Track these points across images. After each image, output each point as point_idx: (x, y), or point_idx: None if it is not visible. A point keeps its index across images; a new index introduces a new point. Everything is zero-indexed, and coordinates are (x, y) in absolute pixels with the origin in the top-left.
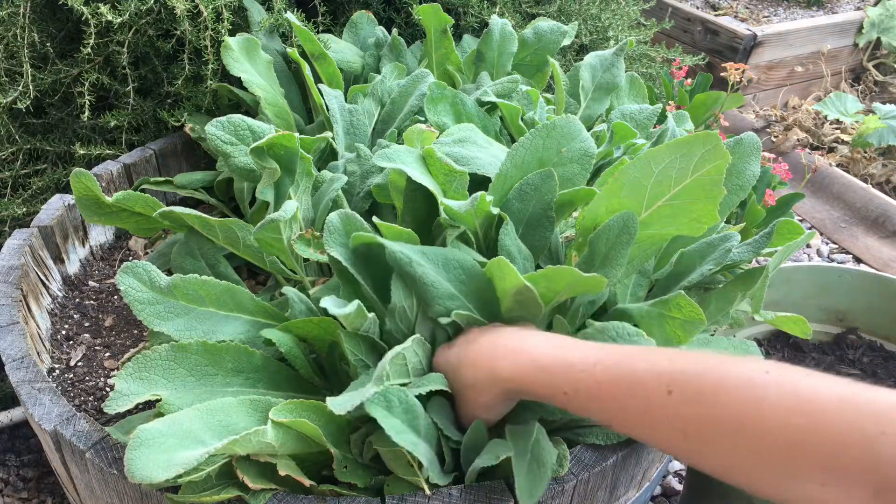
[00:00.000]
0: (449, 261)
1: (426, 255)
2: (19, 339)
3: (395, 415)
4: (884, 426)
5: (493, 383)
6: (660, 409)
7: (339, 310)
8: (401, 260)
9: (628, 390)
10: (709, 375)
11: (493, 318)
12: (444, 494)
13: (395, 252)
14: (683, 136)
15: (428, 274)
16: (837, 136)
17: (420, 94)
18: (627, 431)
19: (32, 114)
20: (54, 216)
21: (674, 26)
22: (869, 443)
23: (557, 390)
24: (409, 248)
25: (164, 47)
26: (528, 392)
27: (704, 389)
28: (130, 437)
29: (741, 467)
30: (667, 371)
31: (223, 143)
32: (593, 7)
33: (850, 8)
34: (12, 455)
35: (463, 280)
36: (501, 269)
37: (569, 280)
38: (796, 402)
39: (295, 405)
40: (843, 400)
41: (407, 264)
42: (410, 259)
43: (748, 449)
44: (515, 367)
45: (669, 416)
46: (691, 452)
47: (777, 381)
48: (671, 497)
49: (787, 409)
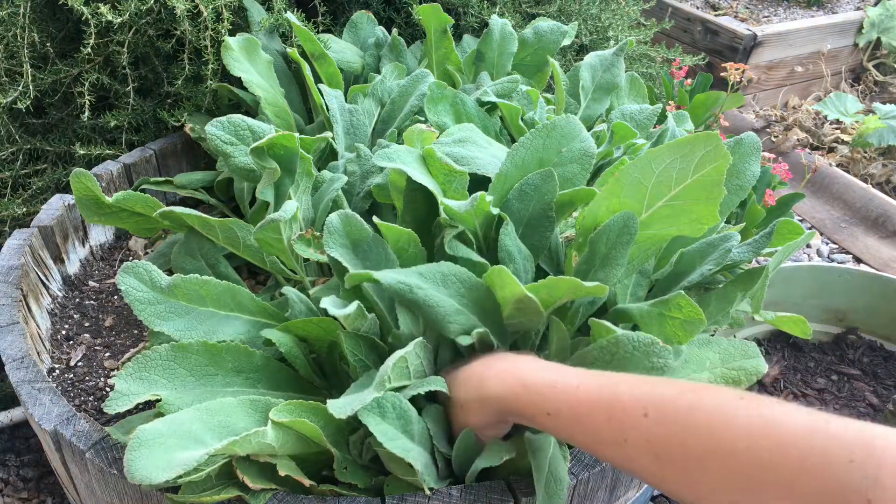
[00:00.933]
0: (446, 277)
1: (424, 277)
2: (19, 339)
3: (388, 421)
4: (853, 454)
5: (482, 403)
6: (634, 431)
7: (338, 310)
8: (401, 290)
9: (607, 411)
10: (684, 398)
11: (496, 326)
12: (444, 494)
13: (393, 284)
14: (684, 137)
15: (431, 296)
16: (837, 136)
17: (420, 94)
18: (605, 455)
19: (32, 114)
20: (54, 216)
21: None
22: (836, 470)
23: (541, 410)
24: (405, 275)
25: (164, 47)
26: (514, 412)
27: (679, 411)
28: (130, 438)
29: (708, 491)
30: (646, 394)
31: (223, 143)
32: (593, 7)
33: (850, 8)
34: (12, 455)
35: (463, 293)
36: (501, 279)
37: (569, 288)
38: (765, 427)
39: (295, 405)
40: (812, 428)
41: (408, 292)
42: (410, 286)
43: (715, 471)
44: (502, 386)
45: (643, 438)
46: (663, 476)
47: (748, 406)
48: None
49: (755, 433)
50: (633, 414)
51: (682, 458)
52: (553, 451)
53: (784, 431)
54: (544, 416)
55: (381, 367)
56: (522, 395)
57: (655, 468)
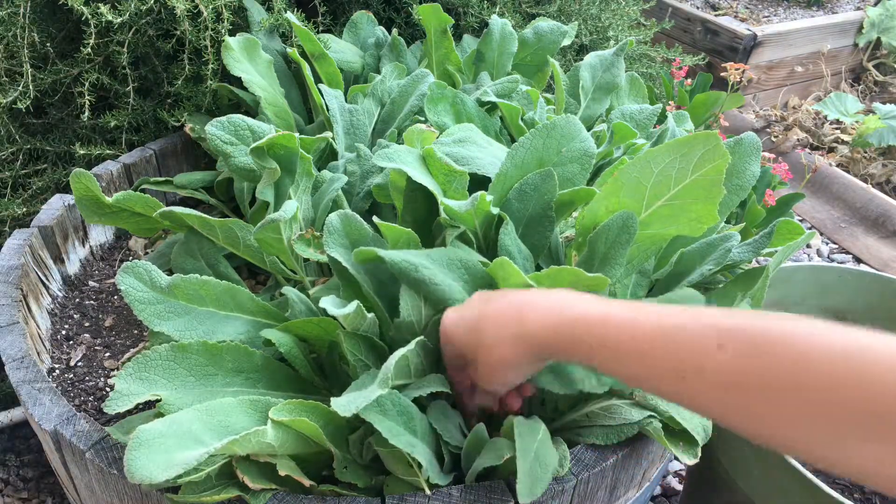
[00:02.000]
0: (452, 260)
1: (430, 258)
2: (19, 339)
3: (391, 418)
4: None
5: (520, 341)
6: (705, 362)
7: (338, 310)
8: (406, 268)
9: (670, 344)
10: (770, 331)
11: None
12: (444, 494)
13: (399, 261)
14: (683, 136)
15: (436, 275)
16: (837, 136)
17: (420, 94)
18: (663, 391)
19: (32, 114)
20: (54, 216)
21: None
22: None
23: (593, 346)
24: (412, 254)
25: (164, 47)
26: (561, 350)
27: (758, 341)
28: (130, 438)
29: (782, 425)
30: (718, 325)
31: (223, 143)
32: (593, 7)
33: (850, 8)
34: (12, 455)
35: (466, 279)
36: (505, 270)
37: (571, 279)
38: (859, 361)
39: (294, 405)
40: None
41: (413, 270)
42: (416, 265)
43: (795, 406)
44: (547, 322)
45: (713, 370)
46: (727, 411)
47: (842, 336)
48: (671, 497)
49: (843, 365)
50: (703, 346)
51: (757, 390)
52: (542, 437)
53: (869, 359)
54: (596, 351)
55: (383, 365)
56: (571, 331)
57: (721, 403)
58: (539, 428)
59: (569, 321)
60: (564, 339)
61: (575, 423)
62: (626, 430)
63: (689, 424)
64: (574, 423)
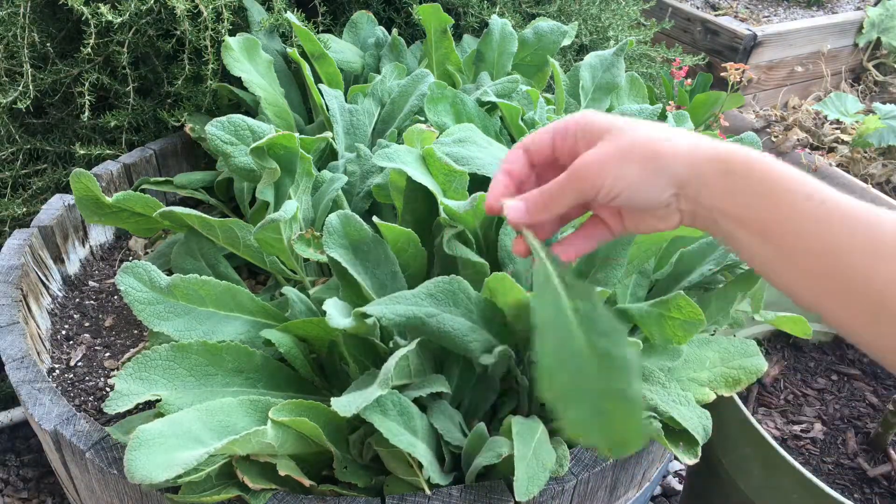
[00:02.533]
0: (456, 295)
1: (435, 299)
2: (19, 339)
3: (391, 418)
4: None
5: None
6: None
7: (338, 322)
8: (414, 324)
9: (859, 236)
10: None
11: (500, 329)
12: (444, 494)
13: (403, 321)
14: None
15: (444, 322)
16: (837, 136)
17: (420, 94)
18: (816, 300)
19: (32, 114)
20: (54, 216)
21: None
22: None
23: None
24: (414, 305)
25: (164, 47)
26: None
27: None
28: (130, 438)
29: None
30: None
31: (223, 143)
32: (593, 7)
33: (850, 8)
34: (12, 455)
35: (472, 310)
36: (504, 285)
37: None
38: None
39: (294, 405)
40: None
41: (420, 325)
42: (421, 318)
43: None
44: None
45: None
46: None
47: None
48: (671, 497)
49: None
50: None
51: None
52: (540, 436)
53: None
54: (767, 225)
55: (384, 365)
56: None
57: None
58: (538, 427)
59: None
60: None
61: None
62: None
63: (689, 424)
64: None
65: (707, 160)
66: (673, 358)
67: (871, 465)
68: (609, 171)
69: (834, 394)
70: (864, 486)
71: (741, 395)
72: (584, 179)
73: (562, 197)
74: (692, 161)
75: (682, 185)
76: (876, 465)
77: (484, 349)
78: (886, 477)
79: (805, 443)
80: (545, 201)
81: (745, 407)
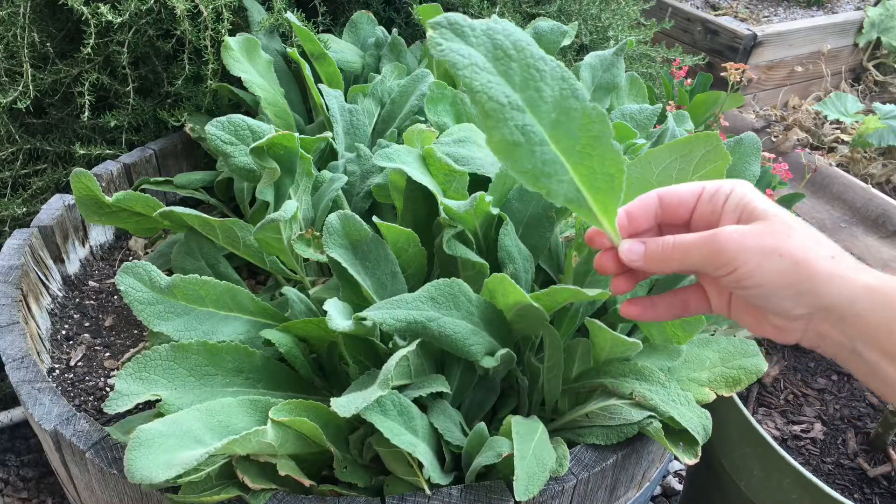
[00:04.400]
0: (457, 298)
1: (436, 303)
2: (19, 339)
3: (392, 418)
4: None
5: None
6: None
7: (339, 324)
8: (414, 329)
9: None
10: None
11: (501, 330)
12: (444, 494)
13: (405, 326)
14: (684, 137)
15: (445, 325)
16: (837, 136)
17: (420, 94)
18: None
19: (32, 114)
20: (54, 216)
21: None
22: None
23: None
24: (416, 309)
25: (164, 47)
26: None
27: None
28: (130, 437)
29: None
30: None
31: (223, 143)
32: (593, 7)
33: (850, 8)
34: (12, 455)
35: (473, 312)
36: (504, 287)
37: (570, 296)
38: None
39: (294, 404)
40: None
41: (422, 329)
42: (422, 322)
43: None
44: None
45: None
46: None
47: None
48: (671, 497)
49: None
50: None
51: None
52: (540, 436)
53: None
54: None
55: (384, 366)
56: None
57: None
58: (537, 427)
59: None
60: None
61: (575, 423)
62: (626, 430)
63: (689, 424)
64: (574, 423)
65: (868, 290)
66: (673, 358)
67: (871, 466)
68: (751, 257)
69: (834, 394)
70: (864, 486)
71: (741, 395)
72: (721, 253)
73: (686, 257)
74: (850, 290)
75: (825, 309)
76: (876, 465)
77: (485, 352)
78: (886, 477)
79: (805, 443)
80: (668, 253)
81: (745, 407)
